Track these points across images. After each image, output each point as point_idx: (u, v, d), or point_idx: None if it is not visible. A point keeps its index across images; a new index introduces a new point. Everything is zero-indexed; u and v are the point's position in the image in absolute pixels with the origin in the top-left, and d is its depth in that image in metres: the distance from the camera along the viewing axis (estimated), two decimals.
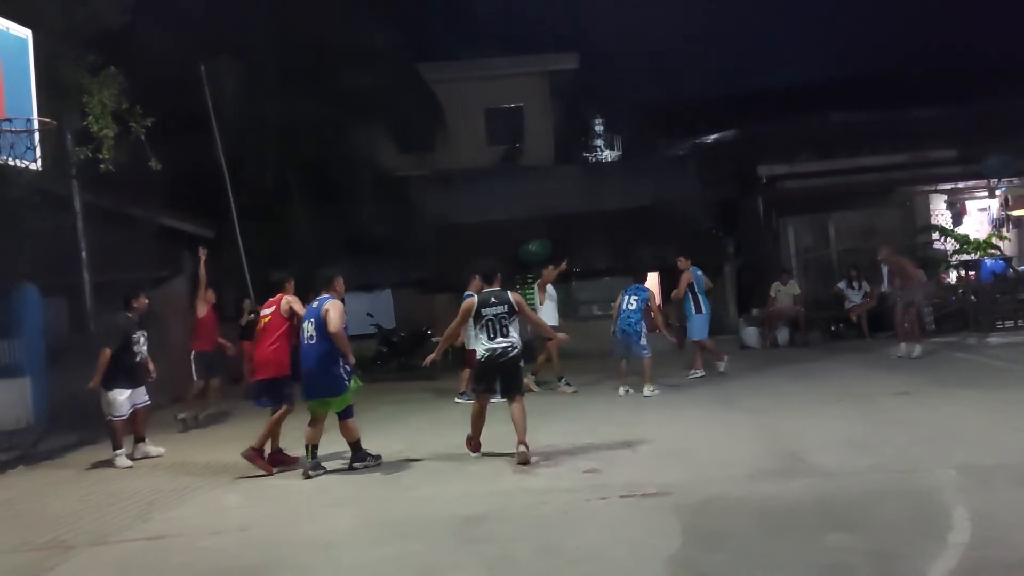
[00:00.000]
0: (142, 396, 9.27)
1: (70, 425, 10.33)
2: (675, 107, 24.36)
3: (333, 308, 7.44)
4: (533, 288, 18.74)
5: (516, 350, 7.62)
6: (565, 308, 14.97)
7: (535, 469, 7.16)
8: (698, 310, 12.30)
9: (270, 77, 16.27)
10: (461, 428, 9.80)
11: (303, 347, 7.59)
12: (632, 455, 7.44)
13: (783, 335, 16.65)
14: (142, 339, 9.33)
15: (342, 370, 7.42)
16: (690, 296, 12.32)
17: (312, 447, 7.49)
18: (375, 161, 17.57)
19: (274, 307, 8.20)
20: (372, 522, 5.91)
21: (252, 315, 14.99)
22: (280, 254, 15.74)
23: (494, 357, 7.55)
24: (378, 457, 7.71)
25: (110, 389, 8.85)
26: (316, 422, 7.53)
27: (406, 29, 18.00)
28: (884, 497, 5.49)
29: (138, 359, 9.21)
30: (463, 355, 12.34)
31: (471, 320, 7.69)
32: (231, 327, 14.44)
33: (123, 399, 8.92)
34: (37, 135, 8.17)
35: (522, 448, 7.29)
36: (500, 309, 7.57)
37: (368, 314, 17.62)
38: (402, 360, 16.34)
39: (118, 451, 8.83)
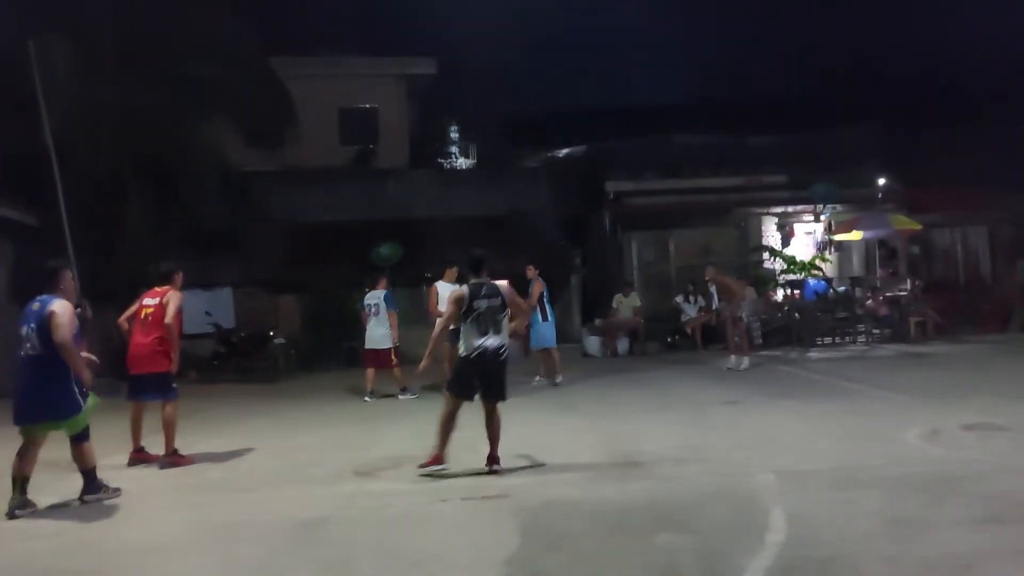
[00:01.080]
0: None
1: None
2: (530, 119, 24.80)
3: (60, 311, 6.13)
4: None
5: (507, 351, 6.94)
6: (414, 313, 14.92)
7: (378, 472, 7.08)
8: (544, 318, 12.54)
9: (106, 58, 15.33)
10: (304, 430, 9.66)
11: (21, 358, 6.27)
12: (474, 458, 7.48)
13: (623, 345, 17.29)
14: None
15: (74, 387, 6.18)
16: (538, 305, 12.54)
17: (21, 481, 6.14)
18: (219, 154, 16.87)
19: (158, 298, 7.75)
20: (203, 526, 5.65)
21: (78, 309, 14.07)
22: (111, 246, 14.84)
23: (486, 356, 6.73)
24: (117, 490, 6.51)
25: None
26: (29, 449, 6.20)
27: (259, 21, 17.44)
28: (711, 499, 5.78)
29: None
30: (367, 355, 12.12)
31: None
32: None
33: None
34: None
35: (496, 466, 6.79)
36: (494, 302, 6.77)
37: (206, 312, 16.91)
38: (241, 361, 15.77)
39: None
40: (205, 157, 16.27)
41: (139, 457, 7.77)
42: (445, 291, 11.79)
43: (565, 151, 22.12)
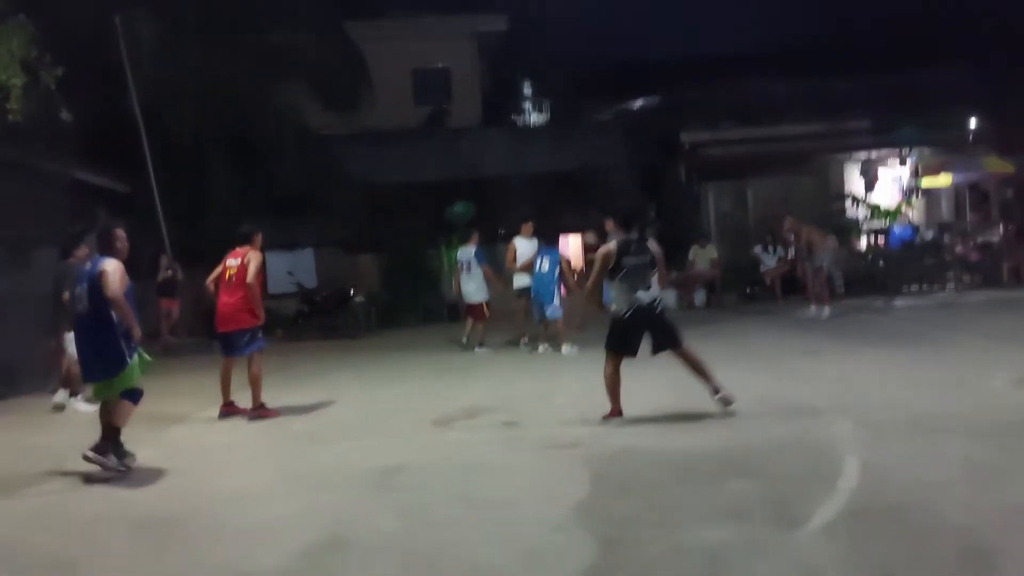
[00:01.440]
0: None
1: None
2: (602, 72, 24.46)
3: (112, 269, 6.13)
4: (455, 249, 18.87)
5: (662, 303, 6.96)
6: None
7: (454, 423, 7.27)
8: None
9: (189, 30, 15.77)
10: (383, 384, 9.96)
11: (76, 319, 6.37)
12: (548, 409, 7.63)
13: (700, 297, 17.11)
14: None
15: (121, 343, 6.12)
16: None
17: (114, 435, 6.16)
18: (297, 118, 17.26)
19: (240, 259, 8.08)
20: (288, 475, 5.94)
21: (170, 272, 14.73)
22: (198, 211, 15.42)
23: (642, 310, 6.76)
24: (127, 466, 6.12)
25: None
26: (107, 408, 6.22)
27: None
28: (784, 447, 5.76)
29: None
30: (468, 309, 12.43)
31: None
32: (147, 285, 14.13)
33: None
34: None
35: (722, 392, 6.77)
36: (644, 258, 6.79)
37: (289, 272, 17.46)
38: (324, 319, 16.25)
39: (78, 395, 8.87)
40: (284, 122, 16.67)
41: (229, 410, 8.16)
42: (522, 247, 11.90)
43: (639, 103, 21.81)
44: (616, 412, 6.89)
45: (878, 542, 3.92)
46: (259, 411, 7.96)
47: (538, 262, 11.50)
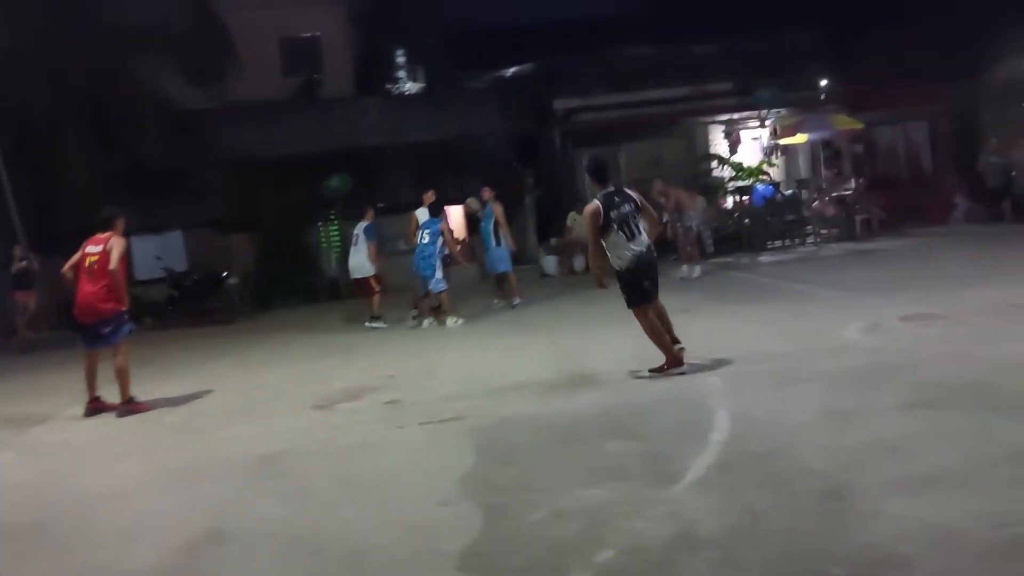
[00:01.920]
0: None
1: None
2: (476, 40, 24.32)
3: None
4: (333, 225, 18.53)
5: (653, 248, 7.00)
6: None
7: (336, 405, 7.19)
8: (498, 243, 12.50)
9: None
10: (262, 368, 9.73)
11: None
12: (432, 384, 7.65)
13: (579, 262, 17.42)
14: None
15: None
16: (490, 229, 12.50)
17: None
18: (158, 92, 16.42)
19: (101, 245, 7.64)
20: (163, 469, 5.73)
21: (24, 262, 13.85)
22: (54, 194, 14.52)
23: (643, 258, 6.81)
24: None
25: None
26: None
27: None
28: (659, 405, 5.99)
29: None
30: (359, 284, 12.13)
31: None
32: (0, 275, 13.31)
33: None
34: None
35: (679, 345, 6.85)
36: (629, 208, 6.78)
37: (157, 256, 16.72)
38: (196, 304, 15.66)
39: None
40: (144, 96, 15.84)
41: (96, 407, 7.76)
42: (423, 217, 11.71)
43: (512, 70, 21.83)
44: (674, 361, 6.82)
45: (746, 490, 4.14)
46: (129, 405, 7.62)
47: (419, 234, 11.41)
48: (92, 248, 7.72)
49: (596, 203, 6.83)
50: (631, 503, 4.15)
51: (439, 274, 11.30)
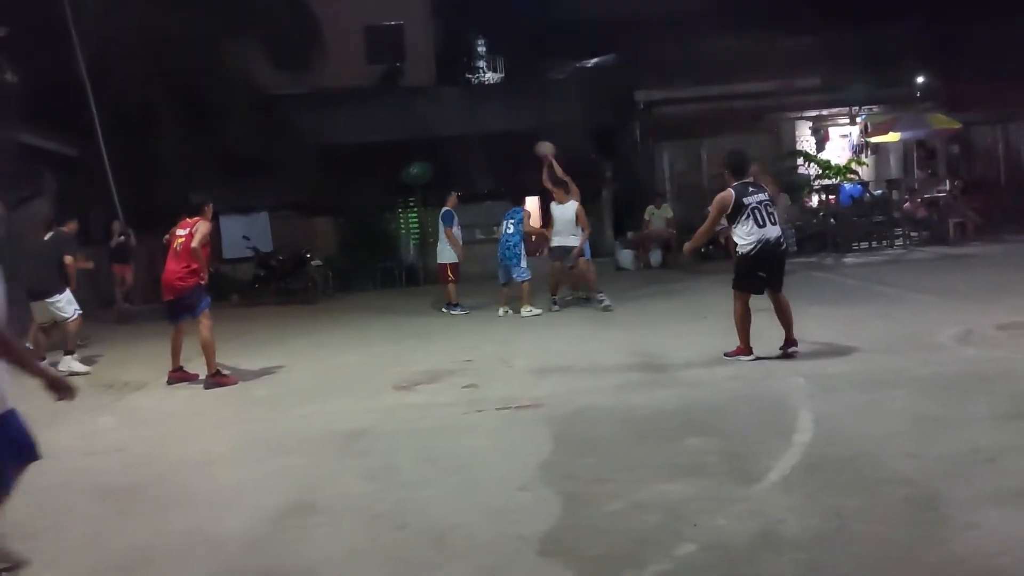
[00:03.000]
0: None
1: None
2: (557, 30, 24.27)
3: None
4: (415, 211, 18.77)
5: (785, 241, 7.28)
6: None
7: (415, 386, 7.31)
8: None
9: None
10: (343, 348, 9.95)
11: None
12: (509, 371, 7.71)
13: (656, 257, 17.30)
14: None
15: None
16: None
17: None
18: (248, 78, 16.88)
19: (188, 228, 7.97)
20: (253, 440, 5.94)
21: (122, 237, 14.44)
22: (149, 175, 15.07)
23: (770, 246, 6.98)
24: None
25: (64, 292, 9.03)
26: None
27: None
28: (739, 403, 5.92)
29: None
30: (440, 270, 12.34)
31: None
32: (100, 249, 13.89)
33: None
34: None
35: (792, 348, 7.07)
36: (762, 197, 7.03)
37: (244, 237, 17.22)
38: (280, 284, 16.11)
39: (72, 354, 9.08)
40: (234, 81, 16.30)
41: (178, 376, 8.09)
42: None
43: (594, 61, 21.71)
44: (744, 350, 7.09)
45: (832, 494, 4.07)
46: (215, 379, 7.87)
47: (503, 224, 11.45)
48: (180, 231, 8.05)
49: (730, 190, 7.05)
50: (711, 499, 4.12)
51: (523, 263, 11.38)
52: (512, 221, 11.46)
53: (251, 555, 3.95)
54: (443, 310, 12.09)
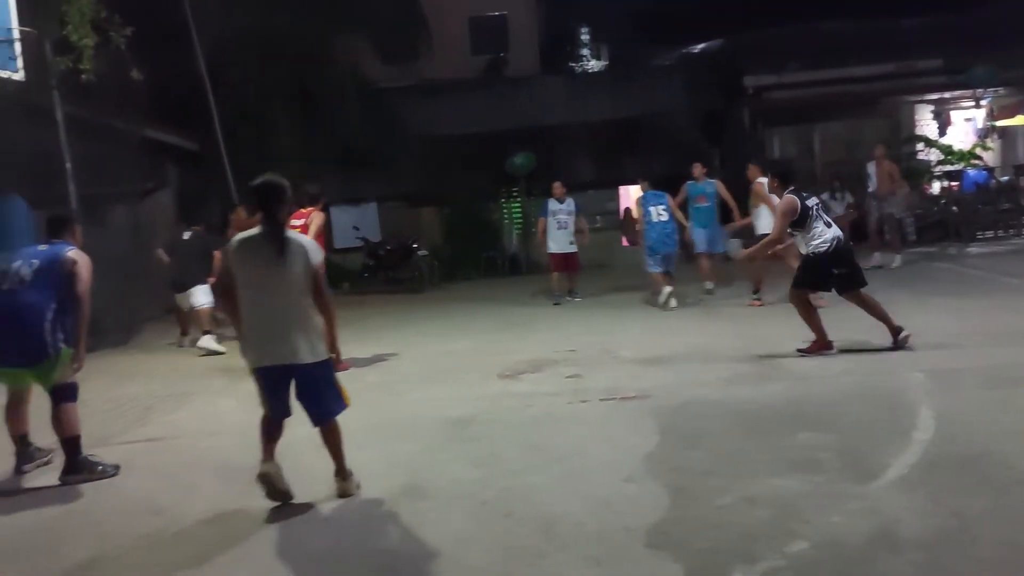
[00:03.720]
0: None
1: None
2: (662, 15, 23.88)
3: (86, 263, 5.51)
4: (519, 201, 18.88)
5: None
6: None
7: (519, 375, 7.39)
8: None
9: None
10: (449, 336, 10.12)
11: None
12: (613, 361, 7.70)
13: None
14: None
15: (48, 334, 5.24)
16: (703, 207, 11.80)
17: (19, 438, 5.55)
18: (358, 71, 17.32)
19: (303, 219, 8.24)
20: (363, 425, 6.08)
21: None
22: (265, 166, 15.64)
23: (843, 243, 7.13)
24: (115, 467, 5.40)
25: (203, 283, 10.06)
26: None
27: None
28: (855, 398, 5.74)
29: None
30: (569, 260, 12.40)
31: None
32: (220, 241, 14.48)
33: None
34: (18, 45, 8.06)
35: (904, 333, 7.00)
36: (815, 200, 7.28)
37: (354, 227, 17.72)
38: (389, 273, 16.50)
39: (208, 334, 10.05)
40: (344, 75, 16.75)
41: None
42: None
43: (701, 46, 21.27)
44: (823, 344, 7.12)
45: (953, 494, 3.91)
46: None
47: (652, 213, 10.97)
48: (296, 221, 8.31)
49: (792, 196, 7.12)
50: (825, 496, 4.02)
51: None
52: (662, 207, 10.99)
53: (366, 536, 4.10)
54: (575, 299, 12.18)
